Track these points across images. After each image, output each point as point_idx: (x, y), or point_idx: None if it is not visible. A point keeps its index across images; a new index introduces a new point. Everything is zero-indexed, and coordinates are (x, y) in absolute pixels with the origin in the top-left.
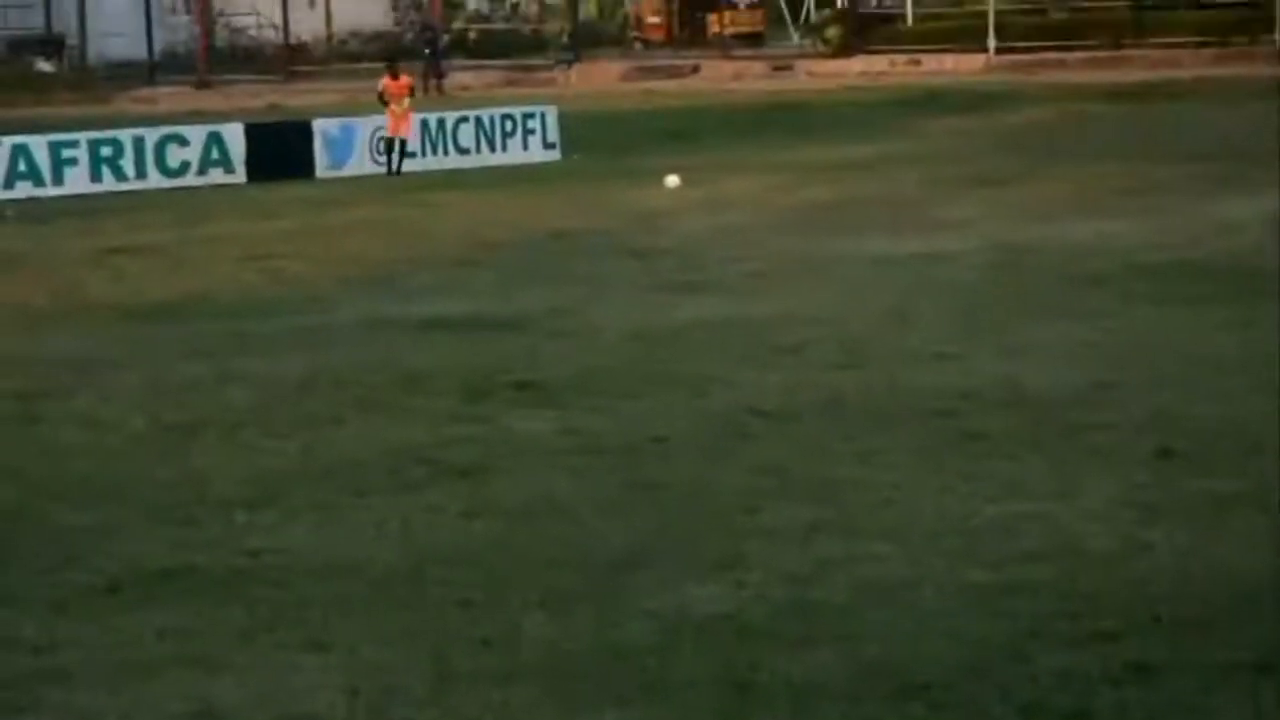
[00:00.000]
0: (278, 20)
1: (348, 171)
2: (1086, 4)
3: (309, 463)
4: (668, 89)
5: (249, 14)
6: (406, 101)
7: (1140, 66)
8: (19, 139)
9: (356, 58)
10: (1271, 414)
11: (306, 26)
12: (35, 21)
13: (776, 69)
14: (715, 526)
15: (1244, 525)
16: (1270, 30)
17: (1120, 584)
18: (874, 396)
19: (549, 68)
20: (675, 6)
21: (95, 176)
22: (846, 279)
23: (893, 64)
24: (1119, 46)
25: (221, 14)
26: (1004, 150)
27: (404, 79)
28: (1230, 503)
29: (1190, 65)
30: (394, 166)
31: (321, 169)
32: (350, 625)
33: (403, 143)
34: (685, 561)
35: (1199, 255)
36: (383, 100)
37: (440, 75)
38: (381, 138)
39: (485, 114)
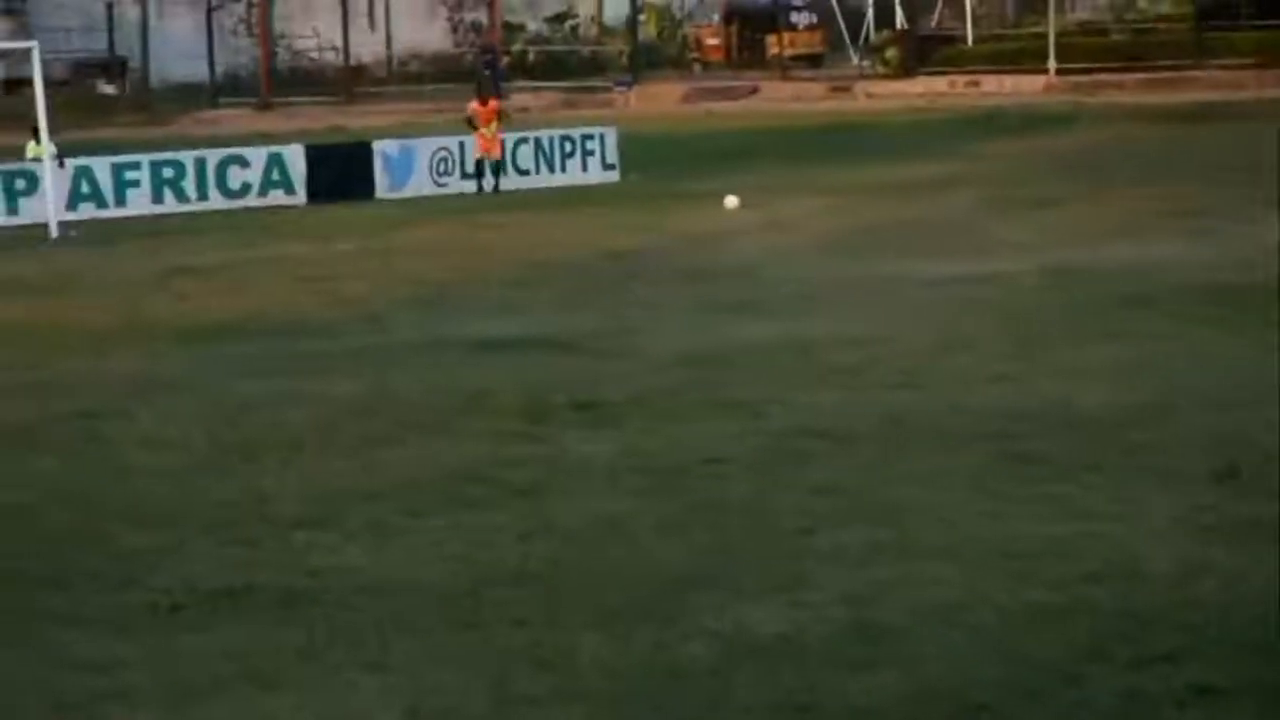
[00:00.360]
0: (338, 42)
1: (408, 192)
2: (1148, 24)
3: (368, 482)
4: (727, 110)
5: (310, 36)
6: (495, 124)
7: (1202, 88)
8: (82, 160)
9: (417, 79)
10: None
11: (367, 48)
12: (98, 44)
13: (835, 90)
14: (773, 547)
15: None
16: None
17: (1180, 605)
18: (930, 418)
19: (608, 89)
20: (734, 28)
21: (157, 198)
22: (902, 300)
23: (952, 85)
24: (1181, 68)
25: (283, 36)
26: (1061, 172)
27: (492, 103)
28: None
29: (1253, 86)
30: (486, 186)
31: (381, 190)
32: (409, 645)
33: (495, 163)
34: (743, 582)
35: (1254, 278)
36: (471, 124)
37: (501, 96)
38: (476, 159)
39: (544, 135)
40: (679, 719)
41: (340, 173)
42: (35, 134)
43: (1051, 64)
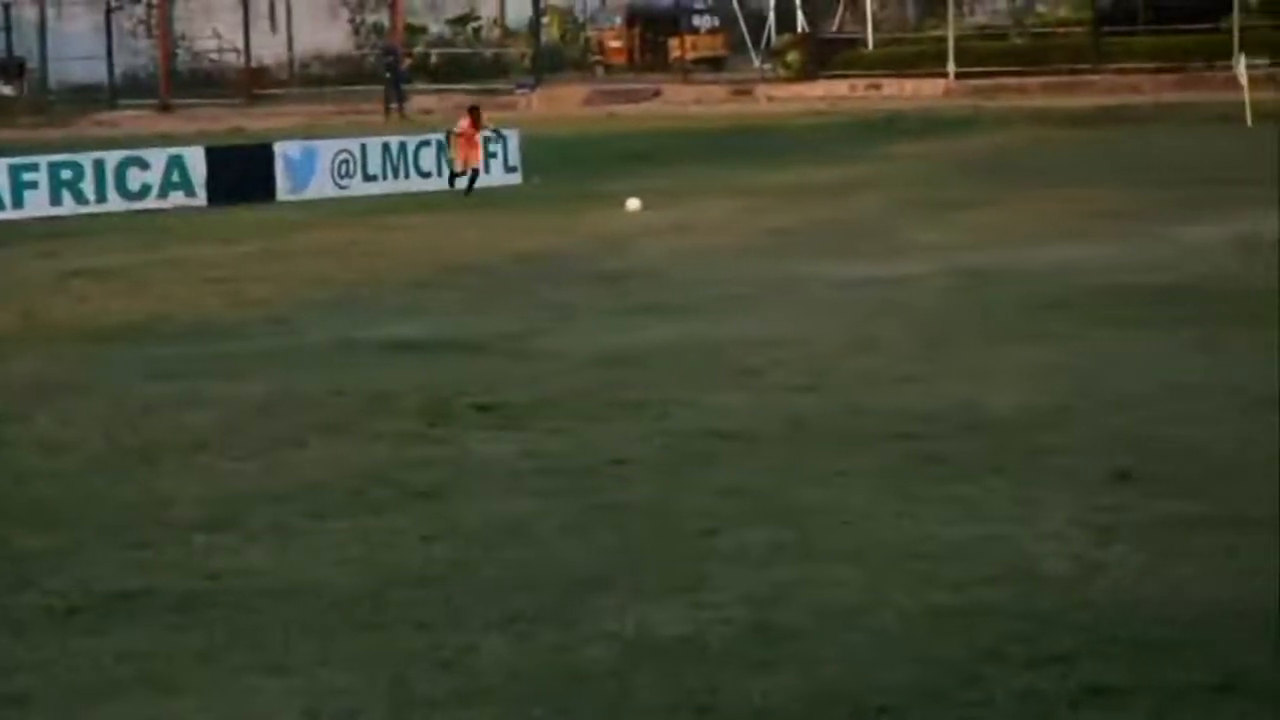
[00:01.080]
0: (239, 44)
1: (309, 194)
2: (1047, 29)
3: (270, 484)
4: (629, 113)
5: (211, 38)
6: (477, 136)
7: (1100, 91)
8: None
9: (319, 81)
10: (1232, 437)
11: (268, 50)
12: None
13: (737, 93)
14: (676, 549)
15: (1203, 547)
16: (1228, 55)
17: (1078, 606)
18: (836, 419)
19: (510, 92)
20: (637, 31)
21: (55, 200)
22: (809, 302)
23: (853, 88)
24: (1079, 72)
25: (183, 37)
26: (966, 175)
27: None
28: (1190, 525)
29: (1150, 90)
30: (463, 186)
31: (283, 192)
32: (310, 648)
33: (475, 170)
34: (646, 584)
35: (1161, 279)
36: (448, 138)
37: (403, 99)
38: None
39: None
40: (582, 718)
41: (241, 175)
42: None
43: (951, 68)
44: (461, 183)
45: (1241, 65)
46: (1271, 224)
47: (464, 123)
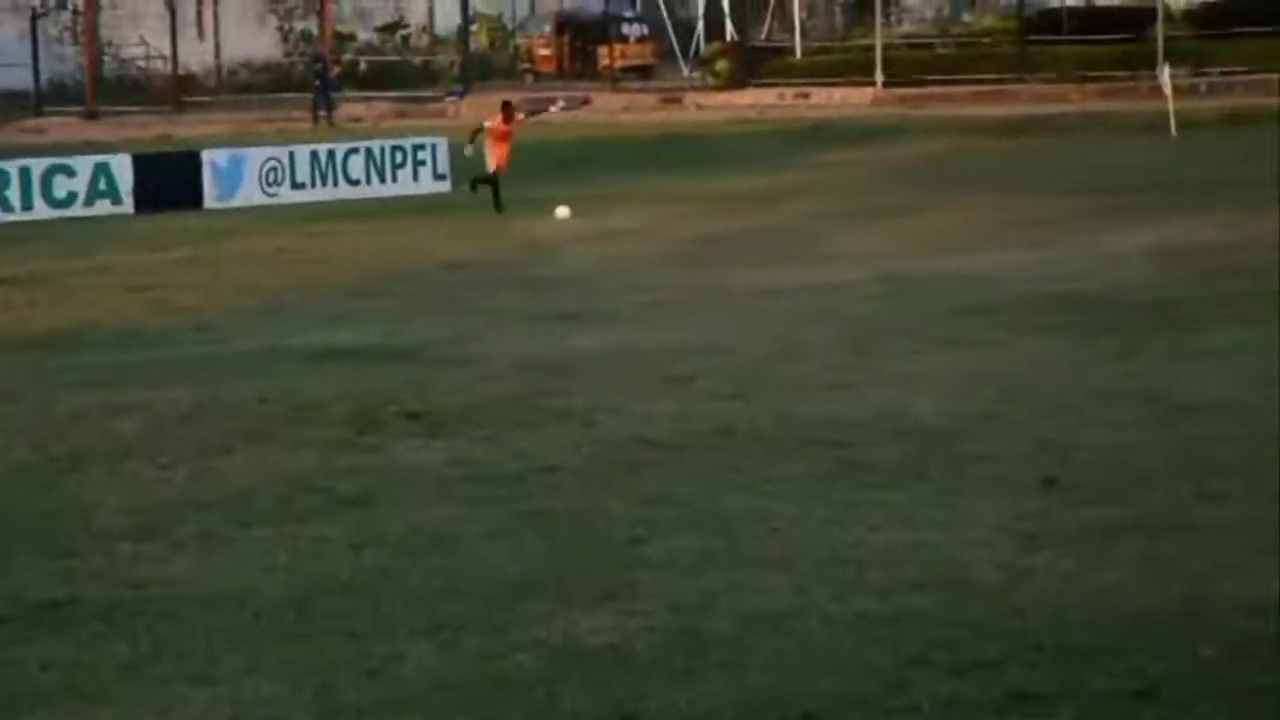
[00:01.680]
0: (166, 51)
1: (237, 202)
2: (973, 39)
3: (196, 493)
4: (559, 120)
5: (138, 45)
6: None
7: (1026, 100)
8: None
9: (247, 88)
10: (1155, 443)
11: (196, 57)
12: None
13: (666, 101)
14: (603, 556)
15: (1125, 554)
16: (1152, 65)
17: (1003, 612)
18: (763, 427)
19: (439, 99)
20: (566, 39)
21: None
22: (737, 310)
23: (781, 97)
24: (1005, 81)
25: (110, 44)
26: (894, 183)
27: (517, 119)
28: (1113, 531)
29: (1075, 100)
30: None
31: (210, 200)
32: (236, 657)
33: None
34: (573, 591)
35: (1085, 287)
36: (474, 136)
37: (331, 107)
38: (475, 179)
39: (375, 145)
40: None
41: (168, 182)
42: None
43: (879, 76)
44: (484, 193)
45: (1166, 75)
46: (1194, 232)
47: (497, 119)
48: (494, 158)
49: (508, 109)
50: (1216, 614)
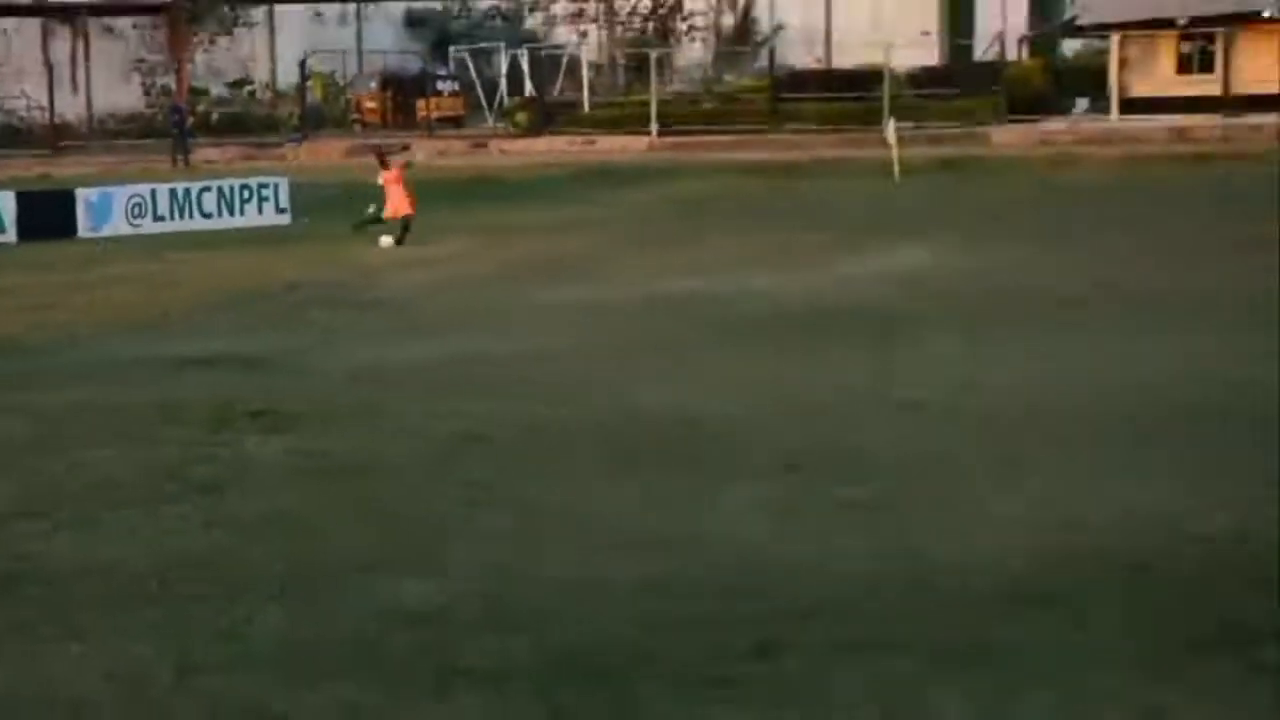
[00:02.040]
0: (45, 103)
1: (106, 233)
2: (732, 95)
3: (75, 481)
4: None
5: (19, 97)
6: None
7: (777, 148)
8: None
9: (114, 135)
10: (886, 432)
11: (70, 109)
12: None
13: (475, 146)
14: (429, 534)
15: (857, 526)
16: (879, 120)
17: (760, 577)
18: (561, 422)
19: (281, 145)
20: (389, 94)
21: None
22: (538, 322)
23: (572, 143)
24: (760, 131)
25: None
26: (666, 216)
27: (395, 168)
28: (844, 508)
29: (817, 147)
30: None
31: (83, 230)
32: (107, 620)
33: (407, 219)
34: (402, 563)
35: (827, 304)
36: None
37: (187, 151)
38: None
39: (226, 183)
40: (344, 680)
41: (47, 215)
42: None
43: (654, 127)
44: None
45: (890, 128)
46: (914, 258)
47: (384, 174)
48: (390, 206)
49: (380, 156)
50: (932, 576)
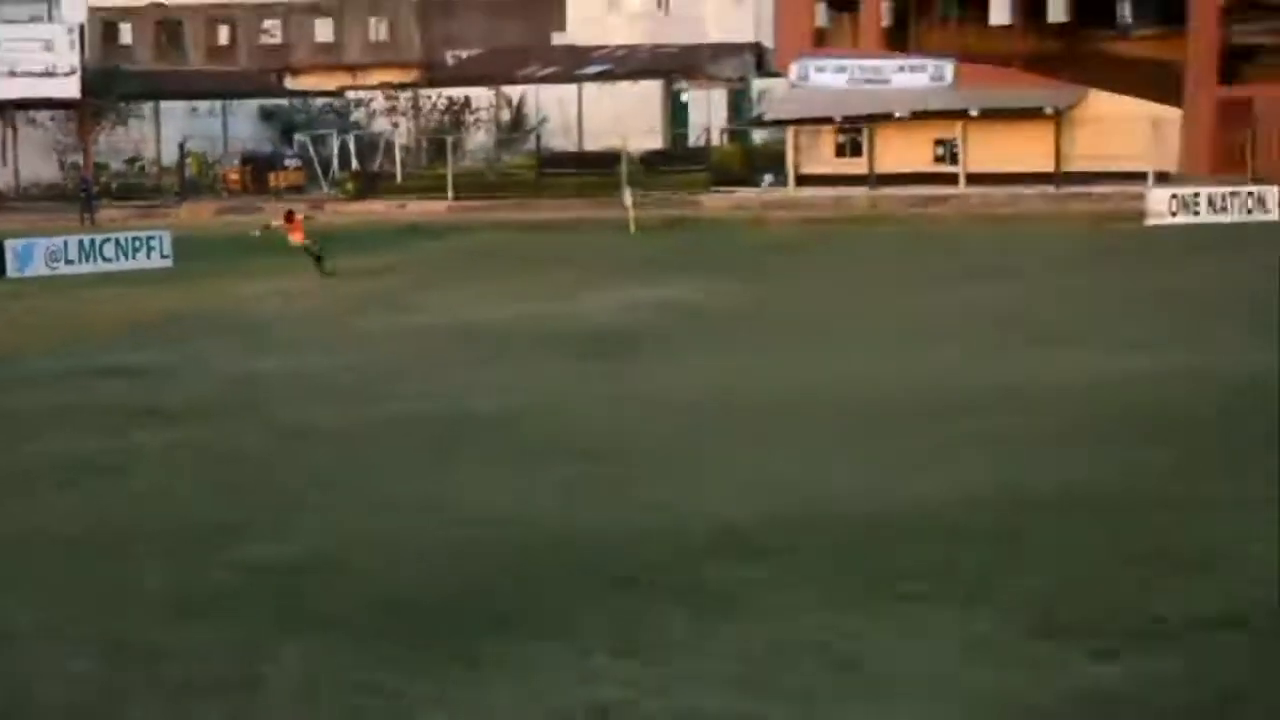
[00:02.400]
0: None
1: (29, 274)
2: (509, 170)
3: (8, 466)
4: (243, 221)
5: None
6: (298, 231)
7: (543, 210)
8: None
9: (37, 199)
10: (644, 427)
11: (2, 178)
12: None
13: (313, 207)
14: (281, 504)
15: (617, 495)
16: (618, 189)
17: (549, 538)
18: (388, 421)
19: (166, 206)
20: (248, 168)
21: None
22: (365, 343)
23: (389, 206)
24: (529, 198)
25: None
26: (461, 263)
27: (297, 220)
28: (585, 480)
29: (574, 210)
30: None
31: (11, 272)
32: (42, 577)
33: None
34: (258, 528)
35: (581, 327)
36: (263, 229)
37: (93, 211)
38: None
39: (122, 235)
40: (213, 623)
41: None
42: None
43: (450, 193)
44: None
45: (627, 195)
46: (653, 291)
47: (283, 223)
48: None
49: (290, 216)
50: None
